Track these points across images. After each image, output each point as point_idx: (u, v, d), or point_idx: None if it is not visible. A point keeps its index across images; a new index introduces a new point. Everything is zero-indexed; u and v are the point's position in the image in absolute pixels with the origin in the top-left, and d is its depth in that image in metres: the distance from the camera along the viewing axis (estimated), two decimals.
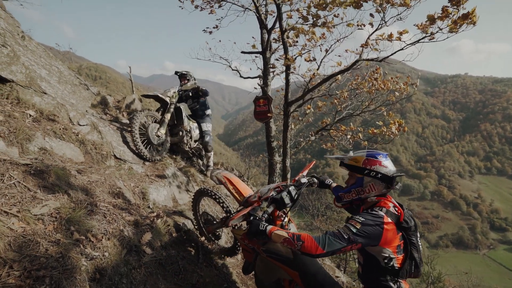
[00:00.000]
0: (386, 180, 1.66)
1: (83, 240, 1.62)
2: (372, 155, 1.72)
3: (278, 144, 6.49)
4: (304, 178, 2.28)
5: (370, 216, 1.56)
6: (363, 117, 6.53)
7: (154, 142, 4.27)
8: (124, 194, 2.83)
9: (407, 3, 3.83)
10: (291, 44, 4.81)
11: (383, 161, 1.68)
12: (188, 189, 4.58)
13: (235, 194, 2.60)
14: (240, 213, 1.91)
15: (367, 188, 1.70)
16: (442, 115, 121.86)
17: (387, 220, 1.55)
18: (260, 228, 1.64)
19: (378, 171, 1.66)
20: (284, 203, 2.01)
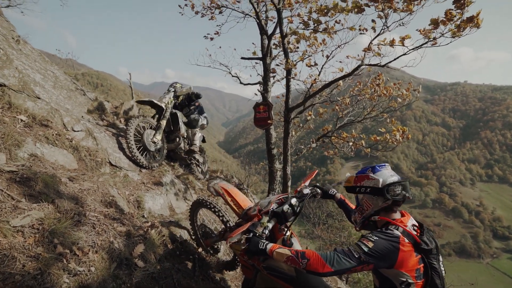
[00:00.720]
0: (377, 193, 1.53)
1: (67, 254, 1.49)
2: (362, 171, 1.63)
3: (279, 151, 6.37)
4: (306, 188, 2.14)
5: (384, 235, 1.42)
6: (364, 124, 6.43)
7: (151, 149, 4.16)
8: (118, 202, 2.70)
9: (410, 9, 3.77)
10: (292, 49, 4.74)
11: (370, 174, 1.57)
12: (186, 197, 4.44)
13: (234, 206, 2.47)
14: (239, 229, 1.79)
15: (364, 206, 1.61)
16: (442, 123, 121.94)
17: (404, 240, 1.41)
18: (260, 247, 1.52)
19: (366, 185, 1.56)
20: (286, 217, 1.89)
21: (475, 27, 3.58)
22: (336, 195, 2.23)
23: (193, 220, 3.07)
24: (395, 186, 1.50)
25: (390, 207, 1.54)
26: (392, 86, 5.66)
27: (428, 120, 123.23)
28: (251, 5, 5.30)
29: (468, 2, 3.22)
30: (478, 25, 3.54)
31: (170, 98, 4.60)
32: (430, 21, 3.66)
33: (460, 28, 3.68)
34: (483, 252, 63.90)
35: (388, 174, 1.55)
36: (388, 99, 5.83)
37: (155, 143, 4.22)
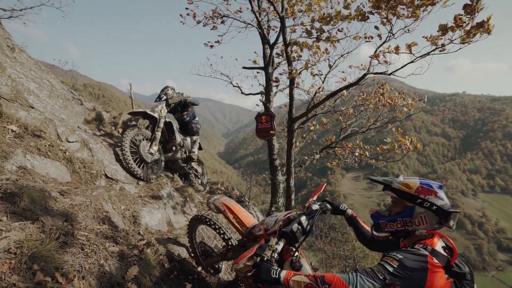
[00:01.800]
0: (440, 214, 1.37)
1: (47, 283, 1.30)
2: (427, 183, 1.45)
3: (281, 162, 6.19)
4: (315, 204, 1.95)
5: (410, 255, 1.25)
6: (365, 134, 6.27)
7: (148, 160, 4.02)
8: (112, 219, 2.51)
9: (417, 14, 3.67)
10: (295, 58, 4.64)
11: (439, 192, 1.41)
12: (185, 211, 4.24)
13: (236, 224, 2.27)
14: (245, 254, 1.59)
15: (417, 220, 1.42)
16: (442, 133, 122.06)
17: (433, 261, 1.24)
18: (273, 275, 1.33)
19: (433, 202, 1.38)
20: (296, 238, 1.69)
21: (485, 33, 3.47)
22: (347, 211, 2.04)
23: (192, 238, 2.87)
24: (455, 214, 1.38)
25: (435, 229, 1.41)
26: (397, 96, 5.54)
27: (428, 130, 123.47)
28: (254, 14, 5.24)
29: (479, 8, 3.12)
30: (489, 31, 3.43)
31: (163, 108, 4.46)
32: (438, 27, 3.56)
33: (469, 34, 3.57)
34: (488, 264, 62.67)
35: (446, 198, 1.42)
36: (392, 109, 5.70)
37: (152, 154, 4.10)
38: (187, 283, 2.55)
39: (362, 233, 2.01)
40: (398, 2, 3.83)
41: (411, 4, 3.61)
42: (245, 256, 1.63)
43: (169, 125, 4.58)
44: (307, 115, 5.23)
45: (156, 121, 4.30)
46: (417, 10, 3.75)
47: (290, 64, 4.45)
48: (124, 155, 3.68)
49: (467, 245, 68.90)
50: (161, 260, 2.45)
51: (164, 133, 4.59)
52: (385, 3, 3.85)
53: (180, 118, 5.22)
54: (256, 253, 1.58)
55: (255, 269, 1.41)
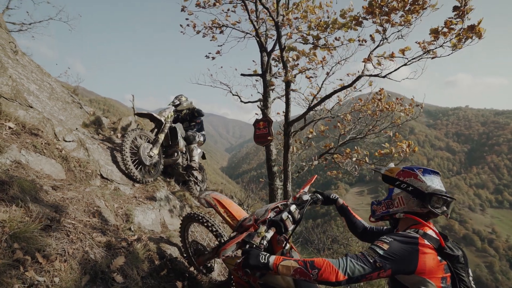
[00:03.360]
0: (418, 195, 1.37)
1: (26, 261, 1.29)
2: (411, 167, 1.47)
3: (279, 168, 6.17)
4: (306, 195, 1.95)
5: (400, 237, 1.25)
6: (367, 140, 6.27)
7: (146, 163, 3.98)
8: (103, 213, 2.49)
9: (409, 20, 3.76)
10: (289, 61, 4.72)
11: (419, 174, 1.41)
12: (181, 214, 4.20)
13: (227, 218, 2.25)
14: (233, 240, 1.58)
15: (396, 201, 1.45)
16: (447, 147, 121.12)
17: (424, 243, 1.24)
18: (262, 260, 1.31)
19: (410, 183, 1.40)
20: (286, 226, 1.68)
21: (476, 37, 3.52)
22: (338, 200, 2.03)
23: (184, 237, 2.83)
24: (439, 198, 1.35)
25: (421, 215, 1.39)
26: (395, 101, 5.58)
27: (432, 144, 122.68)
28: (251, 23, 5.39)
29: (468, 9, 3.19)
30: (480, 35, 3.48)
31: (171, 112, 4.52)
32: (429, 31, 3.63)
33: (460, 40, 3.64)
34: (501, 284, 60.29)
35: (438, 183, 1.40)
36: (390, 114, 5.72)
37: (152, 157, 4.06)
38: (178, 281, 2.50)
39: (354, 223, 1.99)
40: (391, 8, 3.95)
41: (403, 8, 3.70)
42: (233, 242, 1.61)
43: (173, 131, 4.58)
44: (305, 119, 5.26)
45: (162, 124, 4.32)
46: (409, 15, 3.85)
47: (286, 68, 4.53)
48: (123, 155, 3.65)
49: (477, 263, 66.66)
50: (150, 256, 2.41)
51: (167, 138, 4.58)
52: (378, 9, 3.96)
53: (187, 128, 5.33)
54: (244, 240, 1.56)
55: (243, 255, 1.38)
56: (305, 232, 13.61)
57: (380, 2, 3.79)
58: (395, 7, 3.84)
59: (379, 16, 3.94)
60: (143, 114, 4.41)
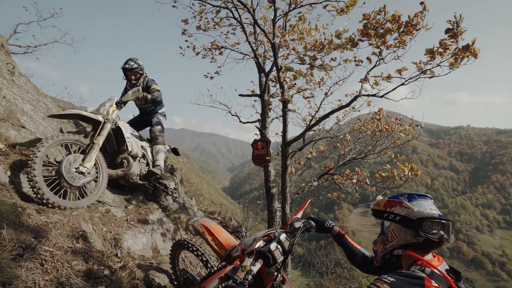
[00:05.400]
0: (407, 224, 1.25)
1: None
2: (395, 196, 1.37)
3: (278, 190, 6.04)
4: (298, 222, 1.80)
5: (403, 277, 1.08)
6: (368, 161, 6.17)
7: (74, 183, 2.83)
8: (88, 238, 2.37)
9: (403, 40, 3.79)
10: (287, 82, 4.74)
11: (405, 202, 1.30)
12: (174, 238, 4.05)
13: (215, 246, 2.12)
14: (215, 276, 1.46)
15: (389, 236, 1.33)
16: (450, 166, 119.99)
17: (430, 284, 1.06)
18: None
19: (396, 213, 1.29)
20: (274, 258, 1.52)
21: (472, 57, 3.52)
22: (334, 228, 1.89)
23: (174, 264, 2.69)
24: (433, 222, 1.22)
25: (421, 245, 1.24)
26: (394, 121, 5.53)
27: (435, 164, 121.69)
28: (250, 45, 5.49)
29: (461, 31, 3.20)
30: (475, 55, 3.49)
31: (112, 107, 3.39)
32: (425, 51, 3.64)
33: (457, 59, 3.64)
34: None
35: (427, 207, 1.27)
36: (390, 134, 5.66)
37: (83, 173, 2.92)
38: None
39: (353, 252, 1.83)
40: (386, 30, 3.99)
41: (397, 30, 3.74)
42: (214, 278, 1.49)
43: (119, 131, 3.51)
44: (303, 139, 5.20)
45: (99, 125, 3.22)
46: (403, 36, 3.88)
47: (283, 88, 4.53)
48: (30, 175, 2.48)
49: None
50: (136, 285, 2.26)
51: (111, 142, 3.52)
52: (373, 31, 4.01)
53: (143, 107, 4.28)
54: (227, 275, 1.43)
55: None
56: (307, 255, 13.15)
57: (375, 24, 3.84)
58: (390, 28, 3.89)
59: (374, 37, 3.98)
60: (67, 114, 3.13)
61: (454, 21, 3.05)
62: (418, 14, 3.44)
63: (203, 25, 5.98)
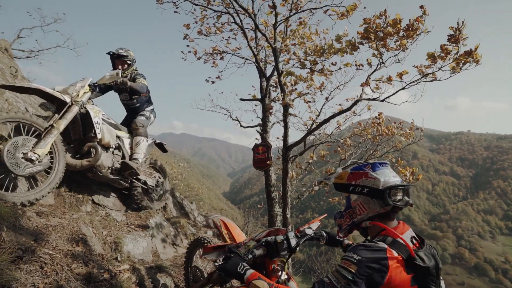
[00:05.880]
0: (376, 195, 1.23)
1: None
2: (358, 167, 1.35)
3: (279, 194, 6.01)
4: (310, 229, 1.84)
5: (367, 252, 1.11)
6: None
7: (19, 172, 2.34)
8: (88, 242, 2.36)
9: (404, 44, 3.80)
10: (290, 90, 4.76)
11: (370, 172, 1.27)
12: (175, 242, 4.02)
13: (228, 240, 2.20)
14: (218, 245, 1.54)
15: (357, 209, 1.31)
16: (451, 172, 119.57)
17: (392, 254, 1.10)
18: (239, 269, 1.24)
19: (363, 184, 1.26)
20: (278, 249, 1.57)
21: (474, 62, 3.52)
22: (345, 241, 1.87)
23: (188, 262, 2.70)
24: (397, 189, 1.23)
25: (387, 214, 1.26)
26: (394, 125, 5.53)
27: (436, 169, 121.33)
28: (251, 50, 5.52)
29: (463, 37, 3.21)
30: (477, 61, 3.48)
31: (84, 88, 2.92)
32: (426, 55, 3.65)
33: (458, 63, 3.65)
34: None
35: (390, 174, 1.27)
36: (391, 138, 5.66)
37: (32, 161, 2.42)
38: None
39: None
40: (386, 34, 4.02)
41: (397, 34, 3.76)
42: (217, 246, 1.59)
43: (87, 118, 2.98)
44: (304, 144, 5.20)
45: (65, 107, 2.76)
46: (404, 40, 3.90)
47: (284, 91, 4.54)
48: None
49: None
50: None
51: (77, 128, 2.98)
52: (374, 34, 4.03)
53: (127, 103, 3.89)
54: (230, 248, 1.49)
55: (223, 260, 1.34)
56: (308, 261, 13.04)
57: (376, 28, 3.86)
58: (390, 32, 3.91)
59: (374, 41, 4.00)
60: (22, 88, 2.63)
61: (456, 28, 3.06)
62: (419, 18, 3.45)
63: (205, 30, 6.02)
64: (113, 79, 3.15)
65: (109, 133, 3.27)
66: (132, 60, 3.76)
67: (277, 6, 4.47)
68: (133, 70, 3.80)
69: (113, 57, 3.65)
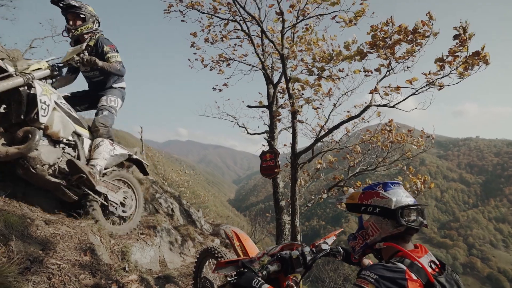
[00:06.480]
0: (388, 215, 1.20)
1: None
2: (370, 186, 1.33)
3: (287, 202, 5.93)
4: (326, 244, 1.77)
5: (386, 271, 1.05)
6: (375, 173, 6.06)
7: None
8: (96, 251, 2.32)
9: (413, 50, 3.76)
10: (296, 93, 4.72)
11: (381, 192, 1.25)
12: (182, 251, 3.98)
13: (240, 252, 2.16)
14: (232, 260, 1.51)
15: (370, 230, 1.29)
16: (460, 179, 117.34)
17: (411, 277, 1.03)
18: (253, 283, 1.22)
19: (375, 204, 1.24)
20: (293, 265, 1.51)
21: (483, 64, 3.46)
22: (364, 261, 1.79)
23: (197, 273, 2.65)
24: (410, 209, 1.20)
25: (401, 235, 1.21)
26: (406, 133, 5.44)
27: (445, 176, 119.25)
28: (258, 57, 5.53)
29: (470, 36, 3.15)
30: (486, 61, 3.43)
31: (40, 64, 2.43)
32: (435, 60, 3.60)
33: (467, 67, 3.58)
34: None
35: (403, 194, 1.24)
36: (401, 146, 5.56)
37: None
38: None
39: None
40: (394, 41, 3.98)
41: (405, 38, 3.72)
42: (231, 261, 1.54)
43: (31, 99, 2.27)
44: (312, 150, 5.14)
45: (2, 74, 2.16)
46: (413, 47, 3.86)
47: (292, 98, 4.51)
48: None
49: None
50: None
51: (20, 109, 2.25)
52: (382, 42, 4.00)
53: (88, 74, 3.05)
54: (243, 263, 1.46)
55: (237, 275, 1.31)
56: (316, 270, 12.80)
57: (383, 35, 3.83)
58: (399, 39, 3.88)
59: (382, 49, 3.97)
60: None
61: (460, 27, 3.01)
62: (425, 22, 3.42)
63: (211, 37, 6.08)
64: (76, 52, 2.60)
65: (62, 123, 2.51)
66: (89, 16, 2.87)
67: (284, 12, 4.49)
68: (94, 33, 2.94)
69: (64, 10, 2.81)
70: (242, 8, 4.67)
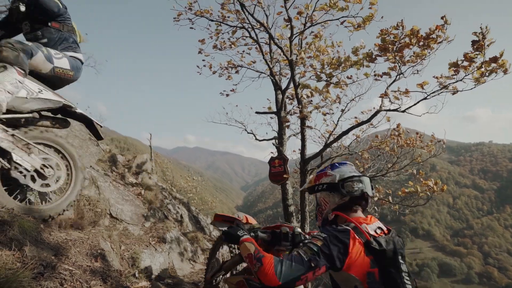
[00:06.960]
0: (333, 189, 1.43)
1: None
2: (321, 169, 1.58)
3: (296, 208, 5.87)
4: None
5: (333, 231, 1.26)
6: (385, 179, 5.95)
7: None
8: (107, 257, 2.33)
9: (424, 54, 3.71)
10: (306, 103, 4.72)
11: (328, 171, 1.50)
12: (191, 258, 3.96)
13: None
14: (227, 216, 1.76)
15: (323, 204, 1.50)
16: (473, 185, 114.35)
17: (354, 236, 1.23)
18: (238, 232, 1.42)
19: (323, 182, 1.48)
20: (280, 239, 1.64)
21: (502, 71, 3.34)
22: None
23: (212, 254, 2.70)
24: (352, 181, 1.40)
25: (348, 205, 1.41)
26: (416, 137, 5.35)
27: (457, 182, 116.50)
28: (266, 63, 5.56)
29: (490, 42, 3.07)
30: (505, 70, 3.30)
31: None
32: (448, 65, 3.53)
33: (483, 74, 3.47)
34: None
35: (347, 170, 1.47)
36: (410, 151, 5.47)
37: None
38: None
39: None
40: (404, 44, 3.94)
41: (417, 43, 3.68)
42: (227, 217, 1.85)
43: None
44: (321, 156, 5.09)
45: None
46: (424, 50, 3.81)
47: (301, 104, 4.50)
48: None
49: None
50: None
51: None
52: (391, 45, 3.96)
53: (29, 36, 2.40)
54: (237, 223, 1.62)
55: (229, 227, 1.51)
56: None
57: (393, 38, 3.80)
58: (408, 43, 3.83)
59: (392, 52, 3.93)
60: None
61: (479, 32, 2.95)
62: (440, 27, 3.37)
63: (219, 44, 6.15)
64: None
65: None
66: None
67: (292, 19, 4.51)
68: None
69: None
70: (251, 15, 4.71)
